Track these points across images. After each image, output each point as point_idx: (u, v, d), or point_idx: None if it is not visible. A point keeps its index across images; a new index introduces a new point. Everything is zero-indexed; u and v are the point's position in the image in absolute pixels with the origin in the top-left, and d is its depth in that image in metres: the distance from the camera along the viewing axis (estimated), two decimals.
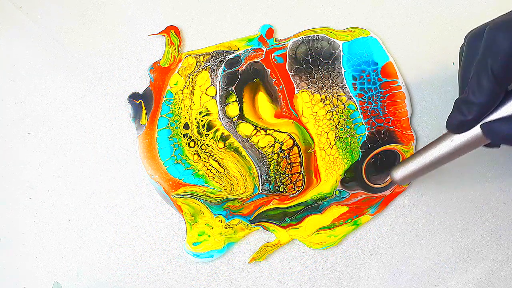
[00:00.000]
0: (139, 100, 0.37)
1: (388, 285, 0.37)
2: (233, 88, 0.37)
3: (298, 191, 0.37)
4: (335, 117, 0.37)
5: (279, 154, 0.37)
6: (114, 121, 0.38)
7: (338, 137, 0.37)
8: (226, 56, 0.38)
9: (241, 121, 0.37)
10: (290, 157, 0.37)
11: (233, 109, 0.37)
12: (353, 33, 0.38)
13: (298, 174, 0.37)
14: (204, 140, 0.37)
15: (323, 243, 0.36)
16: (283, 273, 0.36)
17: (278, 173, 0.37)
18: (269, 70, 0.37)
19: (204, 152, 0.37)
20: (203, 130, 0.37)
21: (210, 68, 0.37)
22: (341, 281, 0.36)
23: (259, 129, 0.37)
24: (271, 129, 0.37)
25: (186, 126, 0.37)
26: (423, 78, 0.38)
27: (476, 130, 0.28)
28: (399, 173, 0.34)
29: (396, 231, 0.37)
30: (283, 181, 0.37)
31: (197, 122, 0.37)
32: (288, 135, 0.37)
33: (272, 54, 0.38)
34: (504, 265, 0.37)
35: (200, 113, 0.37)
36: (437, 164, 0.31)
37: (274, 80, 0.37)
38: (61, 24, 0.38)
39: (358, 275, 0.37)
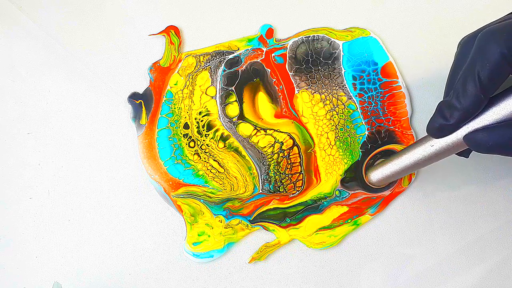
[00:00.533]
0: (139, 100, 0.37)
1: (388, 285, 0.37)
2: (233, 88, 0.37)
3: (298, 191, 0.37)
4: (335, 117, 0.37)
5: (279, 154, 0.37)
6: (114, 121, 0.38)
7: (338, 137, 0.37)
8: (226, 56, 0.38)
9: (241, 121, 0.37)
10: (290, 157, 0.37)
11: (233, 109, 0.37)
12: (353, 33, 0.38)
13: (298, 174, 0.37)
14: (204, 140, 0.37)
15: (323, 243, 0.36)
16: (283, 273, 0.36)
17: (278, 173, 0.37)
18: (269, 70, 0.37)
19: (204, 152, 0.37)
20: (203, 130, 0.37)
21: (210, 68, 0.37)
22: (341, 281, 0.36)
23: (259, 129, 0.37)
24: (271, 129, 0.37)
25: (186, 126, 0.37)
26: (423, 78, 0.38)
27: (457, 136, 0.28)
28: (376, 175, 0.34)
29: (396, 231, 0.37)
30: (283, 181, 0.37)
31: (197, 122, 0.37)
32: (288, 135, 0.37)
33: (272, 54, 0.38)
34: (504, 265, 0.37)
35: (200, 113, 0.37)
36: (415, 167, 0.31)
37: (274, 80, 0.37)
38: (61, 24, 0.38)
39: (358, 275, 0.37)
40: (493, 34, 0.25)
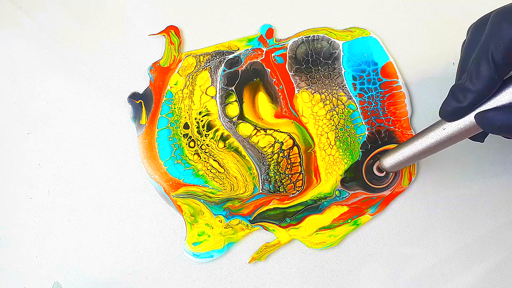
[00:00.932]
0: (139, 100, 0.37)
1: (388, 285, 0.37)
2: (233, 88, 0.37)
3: (298, 191, 0.37)
4: (335, 117, 0.37)
5: (279, 154, 0.37)
6: (114, 121, 0.38)
7: (338, 137, 0.37)
8: (226, 56, 0.38)
9: (241, 121, 0.37)
10: (290, 157, 0.37)
11: (233, 109, 0.37)
12: (353, 33, 0.38)
13: (298, 174, 0.37)
14: (204, 140, 0.37)
15: (323, 243, 0.36)
16: (283, 273, 0.36)
17: (278, 173, 0.37)
18: (269, 70, 0.37)
19: (204, 152, 0.37)
20: (203, 130, 0.37)
21: (210, 68, 0.37)
22: (341, 281, 0.36)
23: (259, 129, 0.37)
24: (271, 129, 0.37)
25: (186, 126, 0.37)
26: (423, 78, 0.38)
27: (469, 119, 0.27)
28: (388, 161, 0.34)
29: (396, 231, 0.37)
30: (283, 181, 0.37)
31: (197, 122, 0.37)
32: (288, 135, 0.37)
33: (272, 54, 0.38)
34: (504, 265, 0.37)
35: (200, 113, 0.37)
36: (428, 152, 0.31)
37: (274, 80, 0.37)
38: (61, 24, 0.38)
39: (358, 275, 0.37)
40: (506, 14, 0.25)
